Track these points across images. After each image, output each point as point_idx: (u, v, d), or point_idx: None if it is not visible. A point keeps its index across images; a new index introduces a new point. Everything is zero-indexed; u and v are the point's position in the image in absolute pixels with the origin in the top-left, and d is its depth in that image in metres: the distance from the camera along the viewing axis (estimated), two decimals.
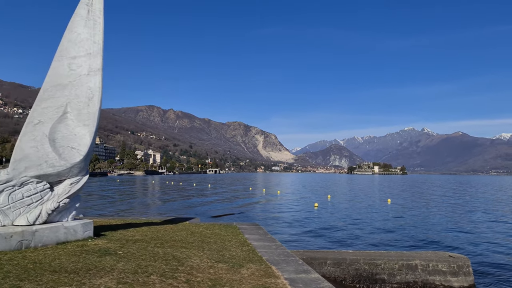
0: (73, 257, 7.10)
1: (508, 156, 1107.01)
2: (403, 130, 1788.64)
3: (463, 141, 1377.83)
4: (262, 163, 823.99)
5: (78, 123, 9.08)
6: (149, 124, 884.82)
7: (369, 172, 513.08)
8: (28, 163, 8.19)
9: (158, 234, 10.62)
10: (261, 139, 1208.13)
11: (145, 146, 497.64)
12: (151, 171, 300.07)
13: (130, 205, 45.00)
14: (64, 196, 8.65)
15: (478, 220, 35.82)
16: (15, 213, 8.02)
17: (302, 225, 30.30)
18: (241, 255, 8.93)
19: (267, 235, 12.47)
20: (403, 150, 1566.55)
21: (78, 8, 9.41)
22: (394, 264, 14.36)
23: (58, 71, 9.02)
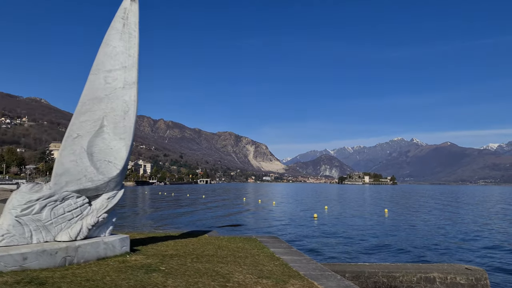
0: (121, 273, 6.98)
1: (495, 166, 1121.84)
2: (393, 140, 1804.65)
3: (452, 151, 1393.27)
4: (253, 173, 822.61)
5: (114, 137, 9.00)
6: (139, 134, 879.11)
7: (359, 182, 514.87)
8: (68, 178, 8.07)
9: (189, 249, 10.49)
10: (252, 149, 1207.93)
11: (135, 156, 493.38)
12: (142, 181, 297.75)
13: (132, 218, 44.48)
14: (102, 211, 8.53)
15: (483, 230, 36.09)
16: (57, 228, 7.86)
17: (306, 237, 30.24)
18: (278, 270, 8.87)
19: (292, 249, 12.41)
20: (392, 160, 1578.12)
21: (114, 21, 9.39)
22: (412, 277, 14.35)
23: (94, 84, 8.96)
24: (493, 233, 34.47)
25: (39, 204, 7.56)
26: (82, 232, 8.07)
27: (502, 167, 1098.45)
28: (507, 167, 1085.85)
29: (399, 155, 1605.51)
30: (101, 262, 7.84)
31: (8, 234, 7.16)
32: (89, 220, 8.25)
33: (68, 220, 8.04)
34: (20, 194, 7.46)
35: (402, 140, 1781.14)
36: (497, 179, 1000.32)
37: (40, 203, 7.57)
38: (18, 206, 7.34)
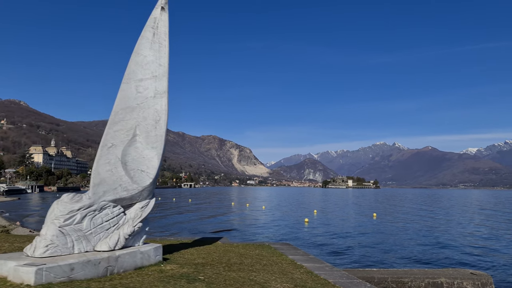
0: (165, 284, 7.02)
1: (474, 170, 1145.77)
2: (375, 145, 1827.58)
3: (433, 156, 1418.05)
4: (237, 177, 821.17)
5: (146, 146, 9.03)
6: None
7: (343, 186, 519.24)
8: (105, 187, 8.07)
9: (214, 257, 10.54)
10: (236, 153, 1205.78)
11: None
12: None
13: None
14: (137, 221, 8.54)
15: (475, 234, 36.89)
16: (96, 238, 7.84)
17: (302, 242, 30.41)
18: (308, 279, 9.00)
19: (309, 256, 12.56)
20: (375, 164, 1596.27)
21: (144, 30, 9.42)
22: (421, 282, 14.65)
23: (126, 93, 8.98)
24: (489, 236, 35.28)
25: (80, 214, 7.54)
26: (119, 242, 8.07)
27: (481, 171, 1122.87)
28: (485, 171, 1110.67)
29: (381, 159, 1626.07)
30: (140, 272, 7.85)
31: (52, 244, 7.13)
32: (126, 230, 8.26)
33: (106, 229, 8.04)
34: (62, 204, 7.43)
35: (384, 144, 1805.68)
36: (476, 182, 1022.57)
37: (81, 213, 7.56)
38: (61, 216, 7.31)
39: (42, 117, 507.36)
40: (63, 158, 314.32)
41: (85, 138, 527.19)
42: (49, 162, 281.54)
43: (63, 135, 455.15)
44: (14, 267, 6.35)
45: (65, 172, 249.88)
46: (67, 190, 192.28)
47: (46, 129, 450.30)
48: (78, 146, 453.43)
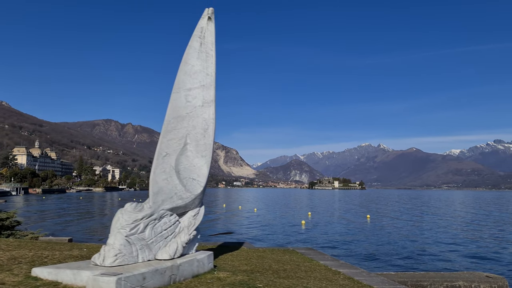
0: None
1: (457, 171, 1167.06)
2: (361, 146, 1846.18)
3: (417, 157, 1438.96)
4: (223, 178, 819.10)
5: (196, 154, 9.14)
6: (106, 138, 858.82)
7: (329, 187, 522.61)
8: (163, 196, 8.17)
9: (255, 263, 10.69)
10: (222, 154, 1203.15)
11: (102, 161, 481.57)
12: (111, 187, 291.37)
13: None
14: (192, 228, 8.65)
15: (475, 235, 37.57)
16: (156, 247, 7.93)
17: (308, 245, 30.63)
18: (354, 285, 9.21)
19: (340, 261, 12.80)
20: (360, 165, 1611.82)
21: (192, 40, 9.54)
22: (440, 286, 15.00)
23: (177, 103, 9.09)
24: (490, 237, 36.01)
25: (143, 223, 7.63)
26: (178, 250, 8.18)
27: (464, 172, 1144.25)
28: (468, 172, 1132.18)
29: (366, 160, 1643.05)
30: (200, 280, 7.95)
31: (121, 253, 7.21)
32: (183, 238, 8.36)
33: (165, 238, 8.14)
34: (127, 214, 7.51)
35: (369, 145, 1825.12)
36: (459, 183, 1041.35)
37: (144, 222, 7.65)
38: (126, 225, 7.39)
39: (24, 117, 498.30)
40: (47, 160, 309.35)
41: (69, 139, 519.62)
42: (33, 163, 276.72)
43: (46, 136, 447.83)
44: (93, 277, 6.41)
45: (50, 173, 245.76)
46: (52, 192, 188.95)
47: (29, 130, 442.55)
48: (62, 147, 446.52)
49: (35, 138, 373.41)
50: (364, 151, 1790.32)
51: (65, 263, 7.76)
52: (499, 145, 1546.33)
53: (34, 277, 6.93)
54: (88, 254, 9.71)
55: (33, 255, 8.86)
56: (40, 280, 6.75)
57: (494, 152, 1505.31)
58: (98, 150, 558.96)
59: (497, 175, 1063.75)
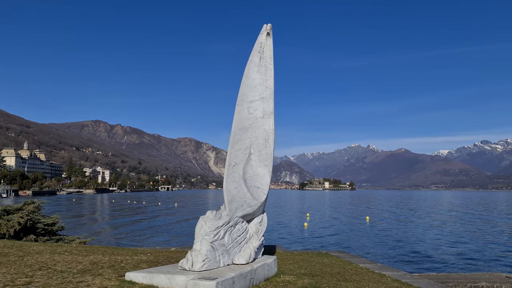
0: None
1: (446, 171, 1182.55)
2: (350, 147, 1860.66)
3: (406, 158, 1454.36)
4: (214, 180, 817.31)
5: (259, 164, 9.65)
6: (95, 139, 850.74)
7: (320, 188, 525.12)
8: (236, 204, 8.66)
9: (308, 266, 11.20)
10: (213, 155, 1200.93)
11: (91, 162, 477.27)
12: (102, 189, 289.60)
13: (134, 229, 43.73)
14: (260, 234, 9.16)
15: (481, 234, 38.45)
16: (233, 252, 8.44)
17: (315, 247, 31.16)
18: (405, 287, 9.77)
19: (378, 264, 13.39)
20: (350, 166, 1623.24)
21: (252, 55, 10.04)
22: (463, 286, 15.67)
23: (240, 115, 9.58)
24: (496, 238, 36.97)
25: (223, 230, 8.13)
26: (251, 255, 8.69)
27: (452, 173, 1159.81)
28: (456, 173, 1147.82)
29: (356, 161, 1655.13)
30: (272, 283, 8.47)
31: (207, 259, 7.70)
32: (254, 243, 8.88)
33: (239, 244, 8.64)
34: (210, 221, 7.99)
35: (359, 146, 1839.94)
36: (448, 184, 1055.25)
37: (223, 229, 8.15)
38: (210, 232, 7.88)
39: (11, 118, 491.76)
40: (36, 161, 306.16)
41: (57, 140, 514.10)
42: (22, 165, 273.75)
43: (34, 137, 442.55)
44: (193, 282, 6.89)
45: (39, 175, 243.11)
46: (42, 194, 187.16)
47: (16, 131, 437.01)
48: (51, 148, 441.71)
49: (23, 139, 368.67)
50: (353, 152, 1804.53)
51: (154, 268, 8.20)
52: (486, 145, 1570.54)
53: (129, 281, 7.36)
54: (154, 258, 10.15)
55: (109, 260, 9.27)
56: (137, 284, 7.20)
57: (481, 152, 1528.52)
58: (87, 152, 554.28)
59: (484, 176, 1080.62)
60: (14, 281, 6.79)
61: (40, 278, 7.11)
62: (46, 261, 8.57)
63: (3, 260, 8.41)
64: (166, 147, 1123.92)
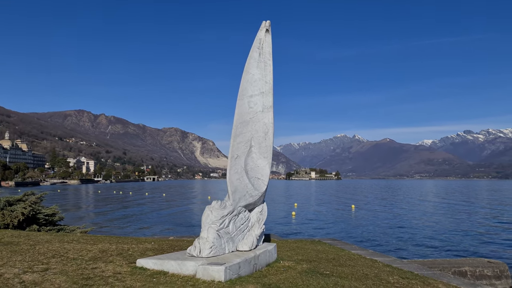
0: (310, 278, 8.20)
1: (429, 161, 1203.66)
2: (336, 137, 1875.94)
3: (391, 147, 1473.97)
4: (200, 170, 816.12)
5: (259, 156, 10.11)
6: (79, 129, 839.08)
7: (306, 177, 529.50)
8: (239, 195, 9.12)
9: (304, 253, 11.76)
10: (199, 146, 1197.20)
11: (75, 153, 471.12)
12: (87, 179, 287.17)
13: (130, 220, 43.88)
14: (262, 223, 9.67)
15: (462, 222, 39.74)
16: (237, 239, 8.94)
17: (304, 235, 31.86)
18: (397, 272, 10.27)
19: (368, 250, 14.05)
20: (336, 156, 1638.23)
21: (252, 51, 10.41)
22: (448, 271, 16.48)
23: (241, 109, 9.99)
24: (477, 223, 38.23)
25: (228, 219, 8.61)
26: (253, 242, 9.21)
27: (435, 162, 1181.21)
28: (439, 162, 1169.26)
29: (342, 151, 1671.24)
30: (273, 268, 8.99)
31: (214, 246, 8.18)
32: (256, 231, 9.38)
33: (242, 232, 9.14)
34: (215, 211, 8.46)
35: (345, 136, 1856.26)
36: (431, 173, 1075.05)
37: (228, 218, 8.62)
38: (216, 221, 8.35)
39: None
40: (18, 152, 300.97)
41: (39, 130, 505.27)
42: (4, 155, 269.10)
43: (14, 127, 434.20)
44: (203, 267, 7.37)
45: (22, 166, 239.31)
46: (25, 185, 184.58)
47: None
48: (32, 138, 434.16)
49: (4, 129, 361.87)
50: (339, 141, 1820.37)
51: (163, 255, 8.64)
52: (469, 135, 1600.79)
53: (140, 267, 7.80)
54: (159, 247, 10.59)
55: (116, 248, 9.67)
56: (148, 269, 7.64)
57: (464, 142, 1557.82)
58: (70, 142, 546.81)
59: (466, 165, 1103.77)
60: (32, 268, 7.16)
61: (56, 265, 7.49)
62: (57, 250, 8.93)
63: (16, 248, 8.74)
64: (151, 137, 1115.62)
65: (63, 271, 7.07)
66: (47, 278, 6.51)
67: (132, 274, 7.32)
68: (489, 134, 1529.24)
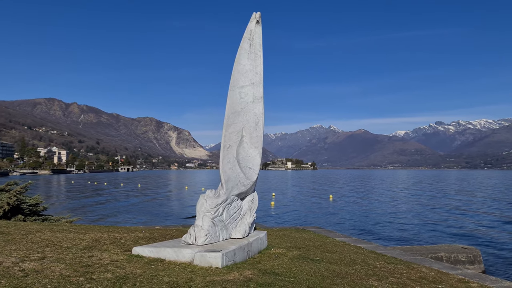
0: (301, 264, 8.51)
1: (402, 151, 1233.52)
2: (312, 127, 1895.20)
3: (365, 138, 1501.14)
4: (176, 160, 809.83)
5: (250, 146, 10.29)
6: (49, 118, 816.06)
7: (282, 167, 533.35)
8: (232, 184, 9.29)
9: (291, 240, 12.08)
10: (174, 136, 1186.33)
11: (45, 142, 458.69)
12: (59, 170, 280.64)
13: (108, 210, 43.32)
14: (253, 211, 9.88)
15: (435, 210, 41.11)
16: (230, 227, 9.14)
17: (285, 225, 32.36)
18: (382, 258, 10.72)
19: (352, 237, 14.51)
20: (312, 146, 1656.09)
21: (242, 42, 10.51)
22: (425, 257, 17.24)
23: (233, 100, 10.11)
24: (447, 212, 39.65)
25: (221, 207, 8.79)
26: (246, 230, 9.44)
27: (408, 152, 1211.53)
28: (412, 152, 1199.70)
29: (318, 142, 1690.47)
30: (265, 255, 9.25)
31: (209, 233, 8.36)
32: (248, 219, 9.60)
33: (235, 220, 9.35)
34: (210, 199, 8.62)
35: (321, 127, 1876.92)
36: (404, 163, 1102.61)
37: (222, 206, 8.80)
38: (210, 209, 8.52)
39: None
40: None
41: (7, 118, 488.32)
42: None
43: None
44: (200, 254, 7.54)
45: None
46: None
47: None
48: (0, 127, 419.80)
49: None
50: (315, 132, 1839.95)
51: (159, 243, 8.76)
52: (440, 126, 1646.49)
53: (136, 255, 7.90)
54: (150, 235, 10.69)
55: (109, 237, 9.72)
56: (145, 257, 7.76)
57: (435, 133, 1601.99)
58: (40, 131, 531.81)
59: (438, 155, 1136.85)
60: (29, 256, 7.16)
61: (51, 254, 7.51)
62: (50, 239, 8.91)
63: (9, 238, 8.67)
64: (125, 126, 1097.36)
65: (60, 259, 7.11)
66: (46, 266, 6.55)
67: (130, 261, 7.43)
68: (459, 125, 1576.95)
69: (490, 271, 17.90)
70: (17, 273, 6.02)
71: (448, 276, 8.39)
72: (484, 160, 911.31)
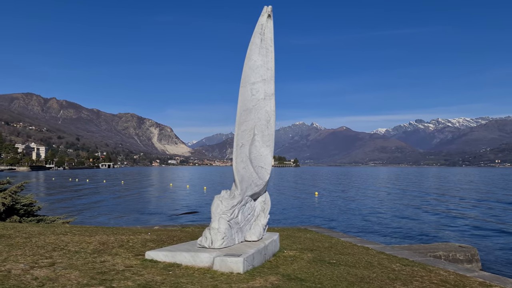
0: (320, 267, 8.23)
1: (383, 149, 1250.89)
2: (295, 125, 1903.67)
3: (347, 135, 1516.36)
4: (158, 157, 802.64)
5: (262, 144, 9.92)
6: (27, 113, 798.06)
7: None
8: (246, 184, 8.92)
9: (301, 242, 11.77)
10: (156, 132, 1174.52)
11: (23, 138, 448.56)
12: (37, 166, 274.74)
13: (99, 209, 42.33)
14: (267, 212, 9.53)
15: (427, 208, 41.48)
16: (245, 229, 8.76)
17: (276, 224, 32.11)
18: (393, 259, 10.52)
19: (357, 237, 14.32)
20: (294, 143, 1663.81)
21: (253, 37, 10.11)
22: (424, 256, 17.22)
23: (244, 96, 9.71)
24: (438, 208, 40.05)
25: (237, 209, 8.40)
26: (261, 232, 9.08)
27: (388, 150, 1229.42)
28: (392, 150, 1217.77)
29: (300, 139, 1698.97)
30: (280, 258, 8.93)
31: (226, 236, 7.97)
32: (263, 221, 9.26)
33: (249, 221, 8.97)
34: (225, 201, 8.22)
35: (303, 124, 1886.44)
36: (384, 160, 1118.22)
37: (237, 208, 8.42)
38: (226, 211, 8.13)
39: None
40: None
41: None
42: None
43: None
44: (220, 258, 7.16)
45: None
46: None
47: None
48: None
49: None
50: (298, 129, 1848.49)
51: (172, 246, 8.34)
52: (420, 124, 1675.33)
53: (150, 260, 7.47)
54: (158, 237, 10.23)
55: (115, 240, 9.23)
56: (160, 262, 7.34)
57: (416, 131, 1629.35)
58: (18, 126, 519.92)
59: (417, 153, 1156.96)
60: (38, 262, 6.67)
61: (61, 259, 7.03)
62: (55, 242, 8.38)
63: (11, 242, 8.10)
64: (106, 122, 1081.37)
65: (71, 265, 6.65)
66: (59, 274, 6.08)
67: (145, 267, 7.01)
68: (438, 123, 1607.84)
69: (488, 270, 18.03)
70: (31, 282, 5.55)
71: (469, 279, 8.23)
72: (462, 158, 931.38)
